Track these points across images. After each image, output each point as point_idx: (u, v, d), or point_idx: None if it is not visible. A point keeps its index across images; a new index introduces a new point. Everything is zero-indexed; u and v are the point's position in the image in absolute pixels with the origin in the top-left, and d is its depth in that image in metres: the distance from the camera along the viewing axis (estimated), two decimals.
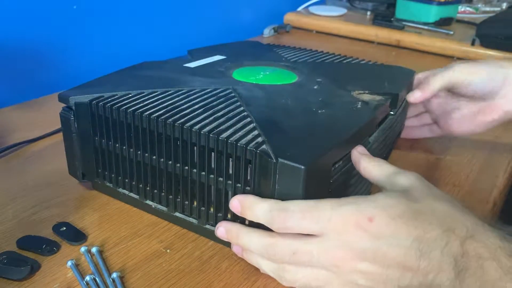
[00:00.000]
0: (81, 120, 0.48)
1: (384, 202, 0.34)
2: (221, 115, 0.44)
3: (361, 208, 0.34)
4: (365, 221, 0.33)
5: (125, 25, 0.93)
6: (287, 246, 0.36)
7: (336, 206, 0.34)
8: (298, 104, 0.48)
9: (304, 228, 0.35)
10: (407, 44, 1.16)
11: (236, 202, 0.39)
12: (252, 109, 0.45)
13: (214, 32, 1.15)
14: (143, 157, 0.46)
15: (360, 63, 0.65)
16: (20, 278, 0.40)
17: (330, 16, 1.31)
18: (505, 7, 1.45)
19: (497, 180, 0.59)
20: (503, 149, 0.66)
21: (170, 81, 0.52)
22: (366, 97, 0.50)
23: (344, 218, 0.34)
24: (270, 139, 0.39)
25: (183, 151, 0.43)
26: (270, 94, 0.50)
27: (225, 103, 0.46)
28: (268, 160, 0.37)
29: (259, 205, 0.37)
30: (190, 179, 0.43)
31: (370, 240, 0.33)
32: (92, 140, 0.49)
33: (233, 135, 0.40)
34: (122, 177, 0.49)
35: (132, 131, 0.45)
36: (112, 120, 0.46)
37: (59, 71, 0.83)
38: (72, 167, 0.51)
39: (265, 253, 0.37)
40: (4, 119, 0.68)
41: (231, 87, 0.51)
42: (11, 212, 0.48)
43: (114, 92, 0.48)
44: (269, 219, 0.36)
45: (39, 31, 0.78)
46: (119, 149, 0.47)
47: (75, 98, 0.47)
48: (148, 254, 0.44)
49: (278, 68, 0.60)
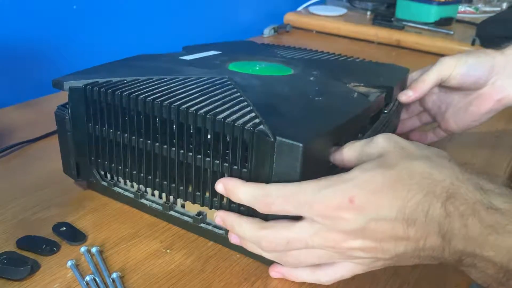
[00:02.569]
0: (76, 107, 0.47)
1: (361, 179, 0.34)
2: (218, 99, 0.43)
3: (339, 190, 0.34)
4: (346, 203, 0.33)
5: (125, 25, 0.93)
6: (280, 237, 0.36)
7: (316, 191, 0.34)
8: (295, 92, 0.48)
9: (288, 212, 0.36)
10: (407, 44, 1.16)
11: (221, 185, 0.39)
12: (249, 95, 0.45)
13: (214, 32, 1.15)
14: (137, 142, 0.45)
15: (355, 60, 0.66)
16: (20, 278, 0.40)
17: (330, 16, 1.31)
18: (505, 7, 1.45)
19: (497, 180, 0.59)
20: (503, 149, 0.66)
21: (165, 70, 0.52)
22: (361, 89, 0.50)
23: (325, 203, 0.34)
24: (268, 120, 0.39)
25: (179, 134, 0.42)
26: (266, 83, 0.50)
27: (222, 89, 0.46)
28: (266, 139, 0.37)
29: (241, 189, 0.38)
30: (186, 163, 0.43)
31: (356, 221, 0.33)
32: (86, 127, 0.48)
33: (230, 116, 0.40)
34: (116, 164, 0.48)
35: (127, 115, 0.45)
36: (107, 105, 0.45)
37: (59, 71, 0.83)
38: (67, 166, 0.51)
39: (260, 245, 0.38)
40: (4, 119, 0.68)
41: (227, 76, 0.51)
42: (11, 212, 0.48)
43: (109, 78, 0.48)
44: (253, 203, 0.37)
45: (39, 31, 0.78)
46: (113, 135, 0.46)
47: (70, 83, 0.47)
48: (148, 254, 0.44)
49: (274, 63, 0.60)
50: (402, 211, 0.32)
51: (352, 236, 0.34)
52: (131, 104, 0.44)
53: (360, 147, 0.38)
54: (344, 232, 0.34)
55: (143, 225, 0.47)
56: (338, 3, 1.48)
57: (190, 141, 0.42)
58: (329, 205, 0.34)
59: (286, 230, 0.36)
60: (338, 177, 0.35)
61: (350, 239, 0.34)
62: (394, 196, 0.33)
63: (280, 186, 0.36)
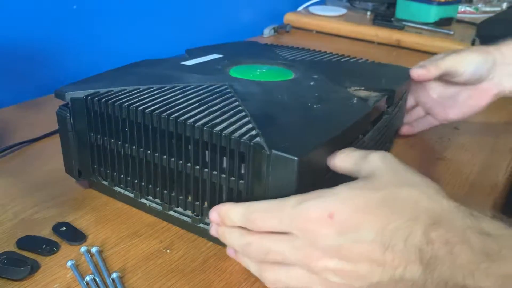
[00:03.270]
0: (77, 116, 0.48)
1: (345, 196, 0.33)
2: (216, 110, 0.44)
3: (321, 204, 0.33)
4: (326, 218, 0.33)
5: (125, 25, 0.93)
6: (261, 246, 0.36)
7: (296, 204, 0.34)
8: (294, 99, 0.48)
9: (271, 227, 0.35)
10: (407, 44, 1.16)
11: (215, 214, 0.39)
12: (247, 104, 0.45)
13: (214, 32, 1.15)
14: (138, 152, 0.45)
15: (358, 61, 0.65)
16: (20, 278, 0.40)
17: (330, 16, 1.31)
18: (505, 7, 1.45)
19: (497, 180, 0.59)
20: (503, 149, 0.66)
21: (166, 78, 0.52)
22: (362, 93, 0.50)
23: (305, 217, 0.33)
24: (264, 132, 0.39)
25: (177, 145, 0.43)
26: (266, 90, 0.50)
27: (220, 98, 0.46)
28: (262, 152, 0.37)
29: (233, 211, 0.37)
30: (184, 174, 0.43)
31: (334, 237, 0.32)
32: (88, 136, 0.48)
33: (227, 128, 0.40)
34: (118, 173, 0.48)
35: (127, 126, 0.45)
36: (107, 115, 0.46)
37: (59, 71, 0.83)
38: (69, 166, 0.51)
39: (243, 252, 0.37)
40: (4, 119, 0.68)
41: (227, 83, 0.51)
42: (11, 212, 0.48)
43: (110, 88, 0.48)
44: (244, 223, 0.37)
45: (39, 31, 0.78)
46: (114, 145, 0.47)
47: (71, 94, 0.47)
48: (148, 254, 0.44)
49: (275, 66, 0.61)
50: (381, 233, 0.31)
51: (329, 254, 0.33)
52: (130, 115, 0.44)
53: (355, 159, 0.38)
54: (321, 248, 0.33)
55: (143, 225, 0.47)
56: (338, 3, 1.48)
57: (189, 152, 0.42)
58: (308, 218, 0.33)
59: (268, 240, 0.36)
60: (322, 191, 0.34)
61: (326, 257, 0.33)
62: (375, 218, 0.32)
63: (264, 202, 0.36)
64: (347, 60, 0.66)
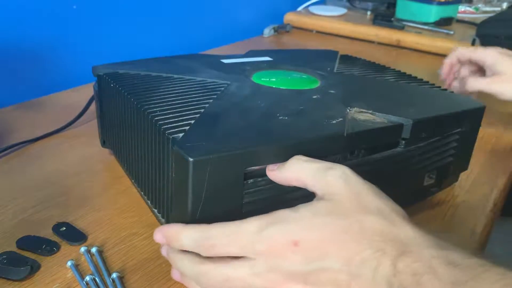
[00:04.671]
0: (100, 91, 0.55)
1: (309, 223, 0.33)
2: (182, 102, 0.45)
3: (284, 230, 0.32)
4: (291, 246, 0.32)
5: (125, 25, 0.93)
6: (219, 274, 0.34)
7: (258, 231, 0.33)
8: (269, 107, 0.45)
9: (232, 253, 0.34)
10: (407, 44, 1.16)
11: (159, 235, 0.36)
12: (216, 103, 0.45)
13: (214, 32, 1.15)
14: (124, 135, 0.50)
15: (419, 86, 0.57)
16: (20, 278, 0.40)
17: (330, 16, 1.31)
18: (505, 7, 1.45)
19: (497, 180, 0.59)
20: (503, 149, 0.66)
21: (187, 70, 0.55)
22: (362, 116, 0.44)
23: (268, 243, 0.32)
24: (194, 129, 0.39)
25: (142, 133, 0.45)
26: (258, 94, 0.48)
27: (201, 94, 0.47)
28: (168, 146, 0.38)
29: (184, 235, 0.35)
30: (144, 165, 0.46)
31: (300, 264, 0.32)
32: (104, 110, 0.55)
33: (167, 118, 0.41)
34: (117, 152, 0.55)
35: (117, 107, 0.50)
36: (107, 94, 0.52)
37: (59, 71, 0.83)
38: (100, 135, 0.59)
39: (198, 281, 0.35)
40: (4, 119, 0.68)
41: (230, 82, 0.51)
42: (11, 212, 0.48)
43: (137, 71, 0.53)
44: (195, 248, 0.35)
45: (39, 31, 0.78)
46: (114, 121, 0.52)
47: (99, 71, 0.54)
48: (148, 254, 0.44)
49: (306, 75, 0.57)
50: (347, 264, 0.31)
51: (294, 279, 0.32)
52: (118, 97, 0.49)
53: (313, 172, 0.36)
54: (286, 273, 0.32)
55: (143, 225, 0.47)
56: (338, 3, 1.48)
57: (150, 142, 0.43)
58: (273, 245, 0.32)
59: (226, 267, 0.34)
60: (282, 213, 0.33)
61: (291, 282, 0.32)
62: (342, 247, 0.31)
63: (222, 225, 0.34)
64: (397, 80, 0.58)
